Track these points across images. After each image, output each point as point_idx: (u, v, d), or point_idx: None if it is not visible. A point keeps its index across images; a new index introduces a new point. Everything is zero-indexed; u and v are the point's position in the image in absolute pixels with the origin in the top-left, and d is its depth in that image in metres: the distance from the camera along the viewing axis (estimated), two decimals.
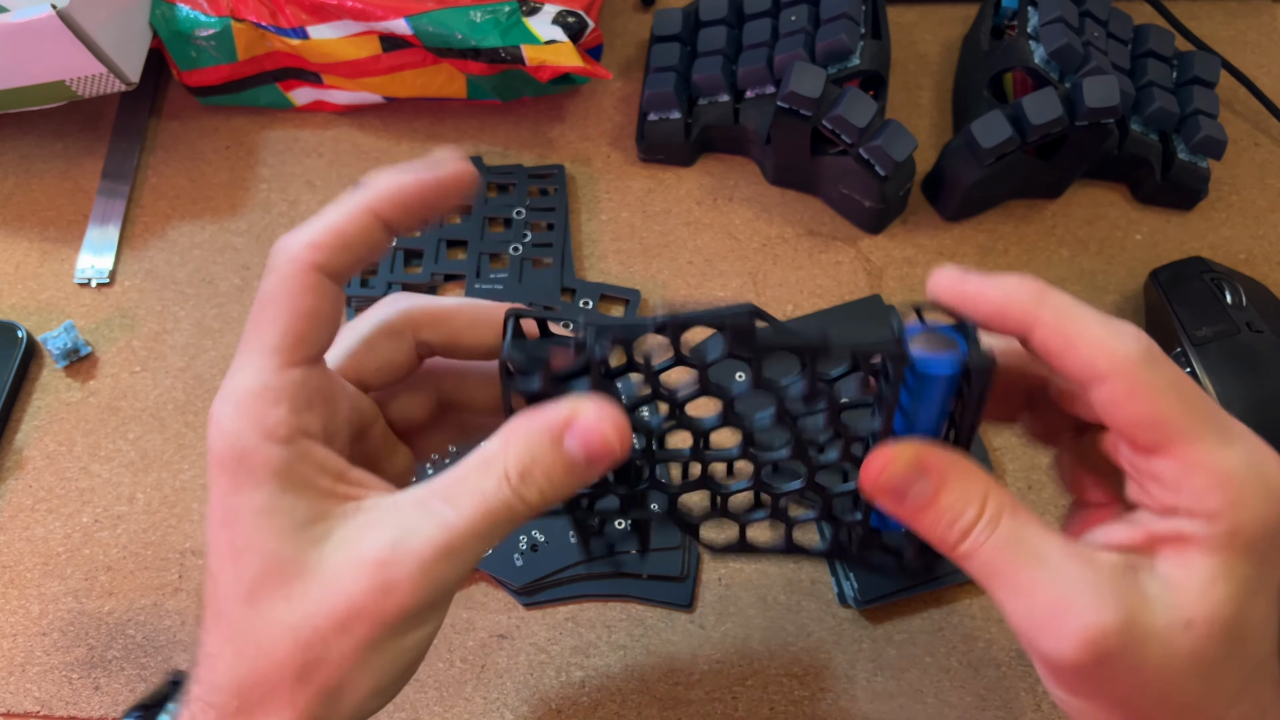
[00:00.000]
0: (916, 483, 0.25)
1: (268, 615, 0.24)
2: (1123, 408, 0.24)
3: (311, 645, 0.24)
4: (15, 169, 0.51)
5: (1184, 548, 0.24)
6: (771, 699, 0.38)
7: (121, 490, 0.43)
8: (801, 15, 0.48)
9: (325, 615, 0.23)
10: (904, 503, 0.25)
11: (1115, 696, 0.24)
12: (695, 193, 0.50)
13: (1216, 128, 0.47)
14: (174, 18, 0.49)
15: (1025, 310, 0.25)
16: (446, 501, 0.24)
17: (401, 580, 0.23)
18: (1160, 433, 0.23)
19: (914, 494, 0.25)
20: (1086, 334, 0.24)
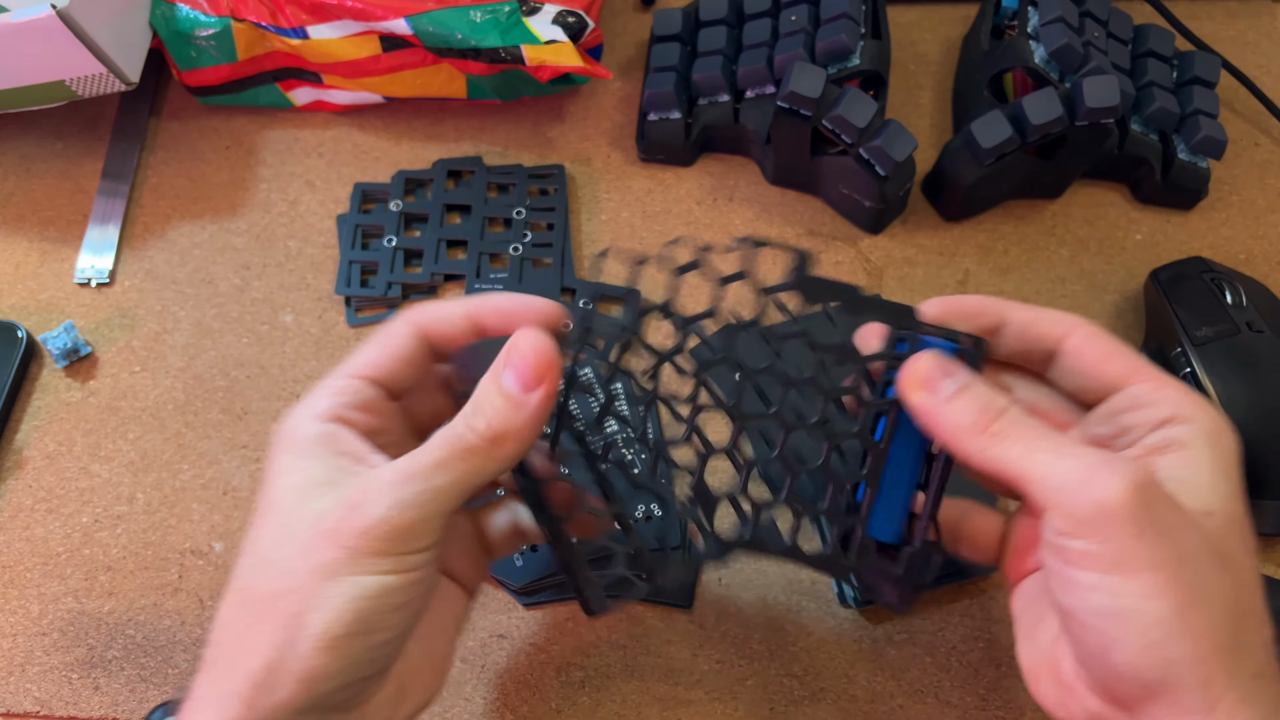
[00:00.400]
0: (945, 379, 0.28)
1: (256, 553, 0.27)
2: (1090, 348, 0.29)
3: (282, 574, 0.26)
4: (15, 169, 0.51)
5: (1182, 451, 0.27)
6: (771, 699, 0.38)
7: (121, 490, 0.43)
8: (801, 15, 0.48)
9: (300, 544, 0.26)
10: (936, 394, 0.28)
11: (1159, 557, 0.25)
12: (695, 193, 0.50)
13: (1216, 128, 0.47)
14: (174, 18, 0.49)
15: (998, 308, 0.30)
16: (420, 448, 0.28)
17: (368, 499, 0.26)
18: (1126, 362, 0.29)
19: (944, 386, 0.28)
20: (1046, 314, 0.30)
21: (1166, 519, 0.25)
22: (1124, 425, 0.28)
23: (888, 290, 0.47)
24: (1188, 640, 0.24)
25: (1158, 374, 0.28)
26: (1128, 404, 0.28)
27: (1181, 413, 0.27)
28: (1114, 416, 0.29)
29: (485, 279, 0.47)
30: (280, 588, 0.26)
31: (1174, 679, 0.24)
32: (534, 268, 0.47)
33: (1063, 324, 0.29)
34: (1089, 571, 0.25)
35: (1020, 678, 0.29)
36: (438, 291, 0.48)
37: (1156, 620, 0.24)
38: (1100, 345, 0.29)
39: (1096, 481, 0.25)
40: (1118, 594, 0.24)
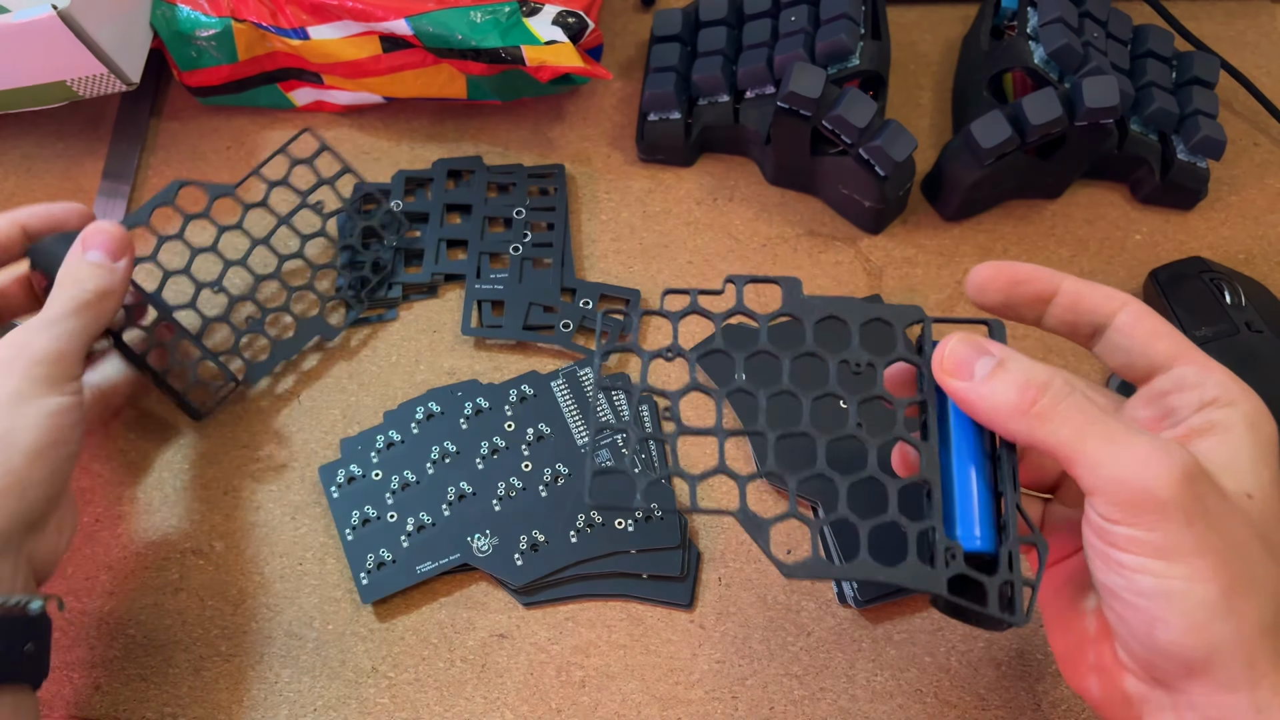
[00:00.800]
0: (979, 358, 0.28)
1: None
2: (1141, 324, 0.29)
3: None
4: (16, 169, 0.52)
5: (1224, 434, 0.27)
6: (771, 699, 0.38)
7: (122, 490, 0.43)
8: (801, 15, 0.48)
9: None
10: (973, 377, 0.28)
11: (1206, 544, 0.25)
12: (695, 193, 0.50)
13: (1216, 128, 0.47)
14: (175, 18, 0.49)
15: (1051, 277, 0.31)
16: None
17: (30, 338, 0.35)
18: (1174, 343, 0.29)
19: (980, 367, 0.28)
20: (1098, 288, 0.30)
21: (1214, 507, 0.25)
22: (1169, 406, 0.29)
23: (887, 290, 0.47)
24: (1233, 621, 0.25)
25: (1204, 357, 0.29)
26: (1174, 385, 0.28)
27: (1225, 395, 0.27)
28: (1160, 398, 0.29)
29: (485, 279, 0.47)
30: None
31: (1219, 658, 0.25)
32: (534, 267, 0.48)
33: (1115, 299, 0.30)
34: (1135, 555, 0.25)
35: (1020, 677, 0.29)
36: (438, 292, 0.48)
37: (1202, 602, 0.25)
38: (1150, 323, 0.29)
39: (1147, 471, 0.25)
40: (1164, 576, 0.25)
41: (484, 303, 0.47)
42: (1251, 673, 0.25)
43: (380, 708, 0.38)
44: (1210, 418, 0.27)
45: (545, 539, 0.40)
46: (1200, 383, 0.28)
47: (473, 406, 0.44)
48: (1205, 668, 0.25)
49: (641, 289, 0.47)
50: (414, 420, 0.44)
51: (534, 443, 0.43)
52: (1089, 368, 0.45)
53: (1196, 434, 0.27)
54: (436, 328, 0.47)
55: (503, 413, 0.44)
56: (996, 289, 0.31)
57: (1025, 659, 0.39)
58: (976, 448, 0.29)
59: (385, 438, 0.43)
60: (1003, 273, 0.31)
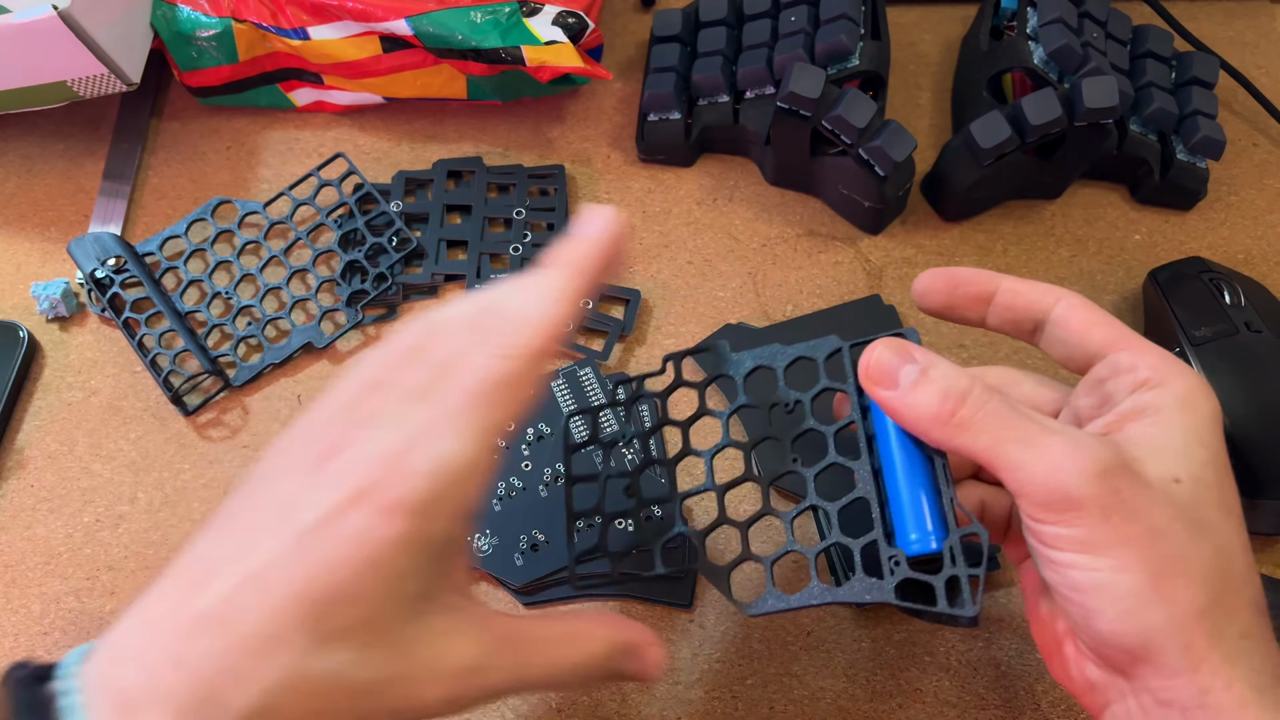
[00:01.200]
0: (904, 365, 0.28)
1: (338, 663, 0.24)
2: (1077, 315, 0.30)
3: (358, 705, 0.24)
4: (17, 169, 0.52)
5: (1154, 416, 0.27)
6: (771, 699, 0.38)
7: (123, 490, 0.43)
8: (801, 16, 0.48)
9: (394, 700, 0.25)
10: (898, 386, 0.28)
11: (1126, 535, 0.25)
12: (695, 193, 0.50)
13: (1215, 128, 0.47)
14: (175, 18, 0.49)
15: (989, 278, 0.32)
16: (523, 658, 0.27)
17: (458, 702, 0.26)
18: (1110, 330, 0.29)
19: (905, 375, 0.28)
20: (1035, 285, 0.31)
21: (1133, 498, 0.25)
22: (1107, 393, 0.29)
23: (887, 290, 0.47)
24: (1163, 607, 0.25)
25: (1139, 341, 0.29)
26: (1109, 371, 0.29)
27: (1156, 376, 0.28)
28: (1098, 385, 0.29)
29: (485, 279, 0.47)
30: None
31: (1155, 644, 0.25)
32: None
33: (1051, 294, 0.30)
34: (1063, 551, 0.26)
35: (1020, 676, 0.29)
36: (438, 292, 0.48)
37: (1129, 591, 0.25)
38: (1085, 314, 0.30)
39: (1061, 470, 0.25)
40: (1091, 569, 0.25)
41: None
42: (1190, 656, 0.25)
43: None
44: (1140, 400, 0.28)
45: (545, 539, 0.41)
46: (1133, 366, 0.28)
47: None
48: (1145, 654, 0.25)
49: (642, 289, 0.47)
50: None
51: (534, 442, 0.43)
52: None
53: (1127, 419, 0.28)
54: None
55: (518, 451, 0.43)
56: (938, 292, 0.32)
57: (1025, 659, 0.39)
58: (913, 452, 0.29)
59: None
60: (942, 277, 0.32)
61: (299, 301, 0.47)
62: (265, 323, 0.46)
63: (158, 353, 0.45)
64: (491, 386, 0.26)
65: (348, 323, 0.46)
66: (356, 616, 0.24)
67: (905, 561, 0.28)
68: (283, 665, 0.23)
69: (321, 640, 0.24)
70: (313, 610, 0.24)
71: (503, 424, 0.26)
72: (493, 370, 0.26)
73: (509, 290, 0.28)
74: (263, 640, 0.23)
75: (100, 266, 0.46)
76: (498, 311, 0.27)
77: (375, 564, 0.24)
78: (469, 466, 0.25)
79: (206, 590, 0.24)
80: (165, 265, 0.48)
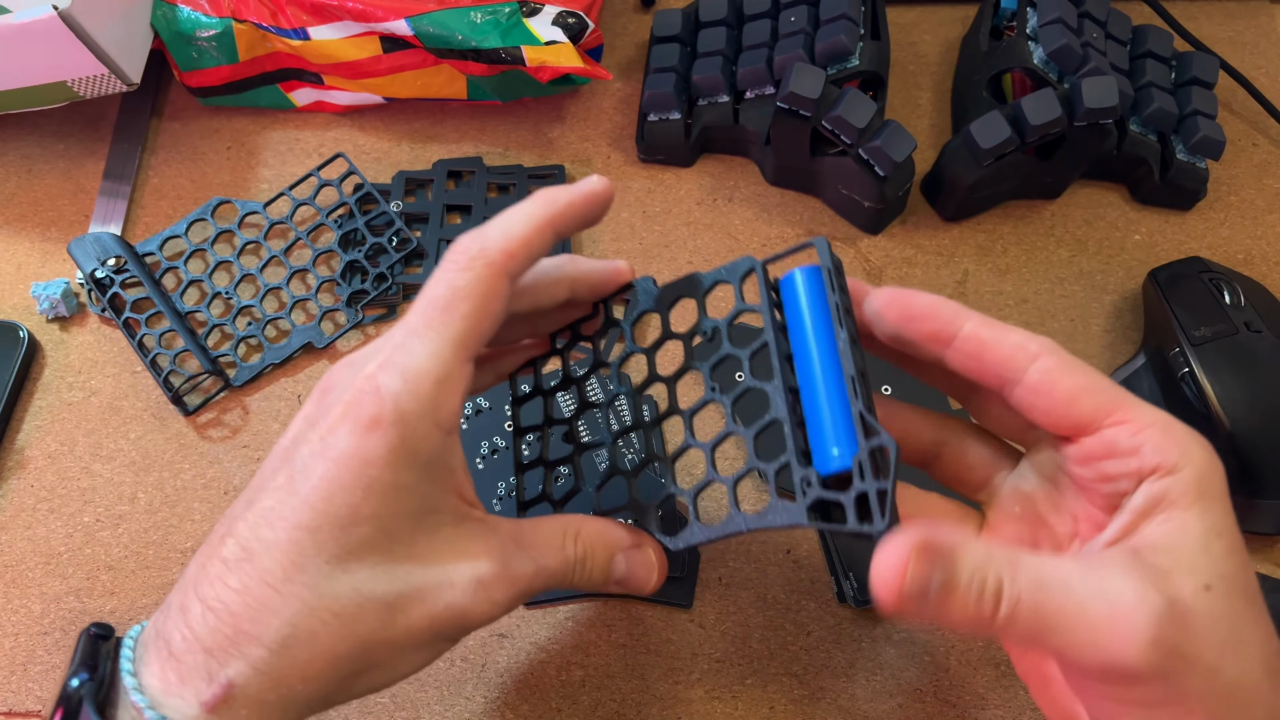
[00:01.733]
0: (933, 574, 0.24)
1: (358, 581, 0.25)
2: (1058, 385, 0.26)
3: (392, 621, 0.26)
4: (17, 169, 0.52)
5: (1170, 511, 0.25)
6: (771, 698, 0.38)
7: (123, 490, 0.43)
8: (801, 16, 0.48)
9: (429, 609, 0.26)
10: (928, 601, 0.24)
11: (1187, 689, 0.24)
12: (695, 193, 0.51)
13: (1215, 128, 0.47)
14: (175, 19, 0.49)
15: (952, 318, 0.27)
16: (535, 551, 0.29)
17: (496, 603, 0.27)
18: (1097, 398, 0.26)
19: (934, 586, 0.24)
20: (1007, 337, 0.27)
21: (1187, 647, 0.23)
22: (1106, 473, 0.27)
23: None
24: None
25: (1134, 408, 0.26)
26: (1105, 450, 0.26)
27: (1165, 461, 0.25)
28: (1093, 462, 0.27)
29: None
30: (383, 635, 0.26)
31: None
32: None
33: (1023, 352, 0.26)
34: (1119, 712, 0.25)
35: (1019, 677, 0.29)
36: None
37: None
38: (1069, 378, 0.26)
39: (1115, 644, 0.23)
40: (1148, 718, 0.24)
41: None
42: None
43: (380, 707, 0.38)
44: (1152, 493, 0.25)
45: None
46: (1136, 447, 0.25)
47: (473, 406, 0.44)
48: None
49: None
50: None
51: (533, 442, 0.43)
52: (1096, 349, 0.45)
53: (1142, 517, 0.25)
54: None
55: (503, 413, 0.44)
56: (891, 319, 0.28)
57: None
58: (829, 369, 0.28)
59: None
60: (898, 302, 0.28)
61: (299, 301, 0.47)
62: (265, 323, 0.46)
63: (158, 353, 0.45)
64: (446, 299, 0.27)
65: (348, 323, 0.46)
66: (365, 534, 0.25)
67: (817, 481, 0.27)
68: (304, 592, 0.25)
69: (337, 562, 0.25)
70: (321, 535, 0.25)
71: (466, 334, 0.27)
72: (448, 283, 0.27)
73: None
74: (280, 571, 0.25)
75: (100, 266, 0.46)
76: (460, 240, 0.28)
77: (368, 480, 0.25)
78: (437, 376, 0.26)
79: (229, 538, 0.26)
80: (165, 265, 0.48)
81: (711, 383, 0.31)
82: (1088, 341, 0.46)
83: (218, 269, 0.48)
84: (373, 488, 0.25)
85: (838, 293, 0.28)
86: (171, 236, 0.48)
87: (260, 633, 0.25)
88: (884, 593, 0.23)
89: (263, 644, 0.25)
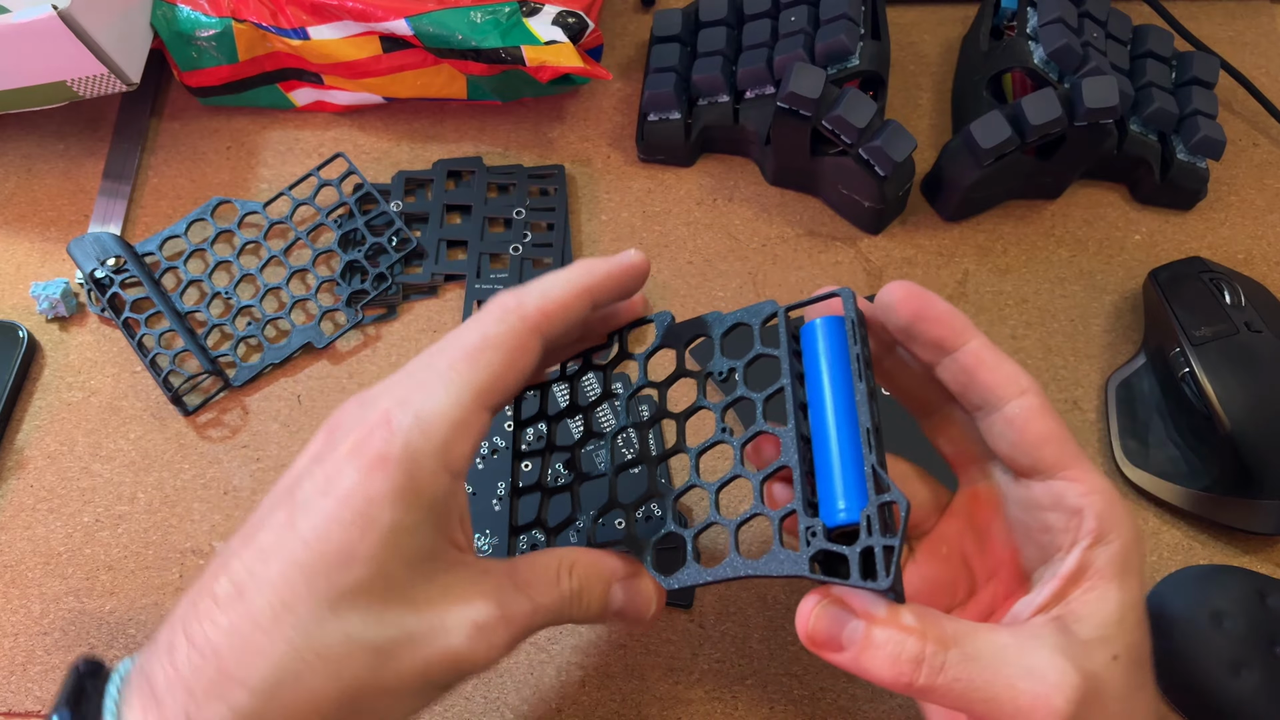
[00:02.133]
0: (847, 623, 0.26)
1: (349, 626, 0.24)
2: (1033, 424, 0.28)
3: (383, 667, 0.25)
4: (17, 169, 0.52)
5: (1095, 580, 0.27)
6: (771, 699, 0.38)
7: (123, 490, 0.43)
8: (801, 16, 0.48)
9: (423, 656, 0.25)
10: (845, 649, 0.26)
11: None
12: (695, 193, 0.50)
13: (1215, 128, 0.47)
14: (175, 18, 0.49)
15: (960, 333, 0.28)
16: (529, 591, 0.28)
17: (495, 646, 0.26)
18: (1062, 449, 0.28)
19: (848, 636, 0.26)
20: (1001, 367, 0.28)
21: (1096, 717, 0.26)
22: (1046, 523, 0.28)
23: None
24: None
25: (1087, 471, 0.28)
26: (1052, 501, 0.28)
27: (1101, 528, 0.27)
28: (1036, 509, 0.29)
29: (485, 279, 0.47)
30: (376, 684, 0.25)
31: None
32: (534, 268, 0.48)
33: (1012, 386, 0.28)
34: None
35: None
36: (438, 292, 0.48)
37: None
38: (1042, 424, 0.28)
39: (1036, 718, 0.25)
40: None
41: (484, 303, 0.47)
42: None
43: None
44: (1085, 560, 0.27)
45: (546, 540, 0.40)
46: (1079, 508, 0.27)
47: None
48: None
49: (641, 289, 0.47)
50: None
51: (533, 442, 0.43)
52: (1096, 349, 0.45)
53: (1071, 584, 0.27)
54: (436, 328, 0.47)
55: (502, 412, 0.44)
56: (904, 314, 0.29)
57: None
58: (842, 421, 0.28)
59: None
60: (916, 300, 0.28)
61: (299, 301, 0.47)
62: (265, 323, 0.46)
63: (157, 353, 0.45)
64: (476, 345, 0.27)
65: (347, 323, 0.46)
66: (359, 576, 0.24)
67: (823, 533, 0.27)
68: (292, 635, 0.24)
69: (329, 605, 0.24)
70: (315, 575, 0.24)
71: (491, 383, 0.27)
72: (480, 330, 0.27)
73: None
74: (270, 612, 0.24)
75: (100, 266, 0.46)
76: (499, 295, 0.28)
77: (368, 519, 0.24)
78: (454, 420, 0.26)
79: (222, 574, 0.25)
80: (165, 265, 0.48)
81: (723, 424, 0.31)
82: (1088, 341, 0.46)
83: (217, 269, 0.48)
84: (372, 527, 0.24)
85: (859, 345, 0.28)
86: (171, 236, 0.48)
87: (245, 675, 0.24)
88: (800, 628, 0.27)
89: (246, 687, 0.24)
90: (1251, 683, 0.35)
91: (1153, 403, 0.43)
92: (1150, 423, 0.43)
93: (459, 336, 0.27)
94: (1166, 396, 0.43)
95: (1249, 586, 0.37)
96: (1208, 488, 0.41)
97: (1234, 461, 0.40)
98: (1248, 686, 0.35)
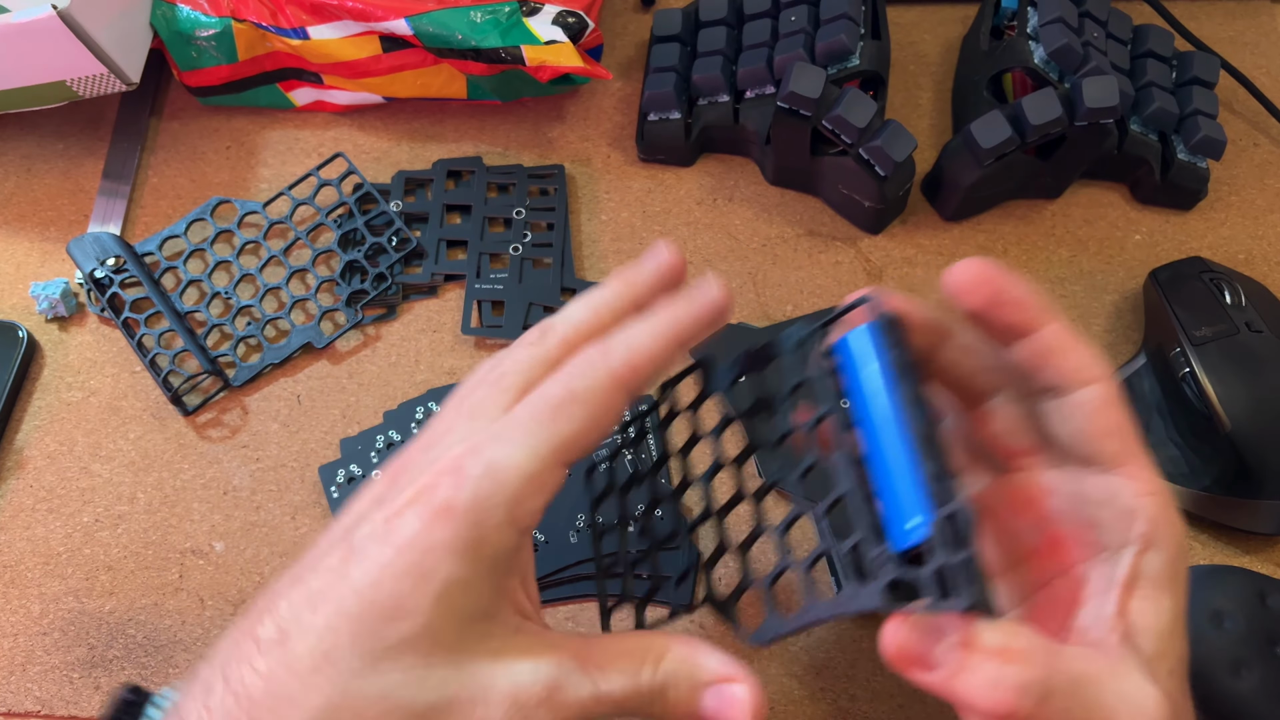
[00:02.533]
0: (940, 641, 0.24)
1: (388, 684, 0.23)
2: (1103, 413, 0.27)
3: None
4: (16, 169, 0.52)
5: (1148, 590, 0.26)
6: (771, 699, 0.38)
7: (122, 490, 0.43)
8: (801, 15, 0.48)
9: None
10: (936, 670, 0.24)
11: None
12: (695, 193, 0.50)
13: (1216, 128, 0.47)
14: (174, 18, 0.49)
15: (1039, 314, 0.27)
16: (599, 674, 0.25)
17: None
18: (1125, 444, 0.27)
19: (941, 656, 0.24)
20: (1082, 351, 0.27)
21: None
22: (1092, 518, 0.27)
23: None
24: None
25: (1145, 470, 0.27)
26: (1104, 496, 0.27)
27: (1153, 532, 0.26)
28: (1084, 502, 0.28)
29: (485, 279, 0.47)
30: None
31: None
32: (534, 268, 0.48)
33: (1092, 370, 0.27)
34: None
35: None
36: (438, 292, 0.48)
37: None
38: (1109, 416, 0.27)
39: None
40: None
41: (484, 303, 0.47)
42: None
43: None
44: (1136, 567, 0.26)
45: (545, 539, 0.40)
46: (1133, 509, 0.26)
47: None
48: None
49: None
50: (414, 420, 0.44)
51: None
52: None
53: (1128, 592, 0.26)
54: (436, 328, 0.47)
55: None
56: (978, 298, 0.27)
57: None
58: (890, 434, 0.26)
59: (385, 438, 0.43)
60: (991, 284, 0.27)
61: (298, 301, 0.47)
62: (265, 323, 0.46)
63: (157, 353, 0.45)
64: (562, 399, 0.25)
65: (347, 323, 0.46)
66: (408, 630, 0.23)
67: (891, 561, 0.25)
68: (329, 687, 0.23)
69: (371, 659, 0.23)
70: (361, 626, 0.23)
71: (573, 440, 0.25)
72: (567, 385, 0.25)
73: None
74: (312, 661, 0.23)
75: (100, 266, 0.46)
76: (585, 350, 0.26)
77: (424, 571, 0.23)
78: (526, 475, 0.24)
79: (267, 616, 0.24)
80: (165, 265, 0.48)
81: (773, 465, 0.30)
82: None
83: (217, 269, 0.48)
84: (427, 578, 0.23)
85: (897, 348, 0.27)
86: (171, 236, 0.48)
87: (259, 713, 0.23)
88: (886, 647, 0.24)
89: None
90: (1251, 683, 0.35)
91: (1153, 403, 0.43)
92: (1150, 423, 0.43)
93: (545, 389, 0.26)
94: (1167, 396, 0.43)
95: (1249, 586, 0.37)
96: (1208, 488, 0.41)
97: (1234, 461, 0.39)
98: (1248, 686, 0.35)
